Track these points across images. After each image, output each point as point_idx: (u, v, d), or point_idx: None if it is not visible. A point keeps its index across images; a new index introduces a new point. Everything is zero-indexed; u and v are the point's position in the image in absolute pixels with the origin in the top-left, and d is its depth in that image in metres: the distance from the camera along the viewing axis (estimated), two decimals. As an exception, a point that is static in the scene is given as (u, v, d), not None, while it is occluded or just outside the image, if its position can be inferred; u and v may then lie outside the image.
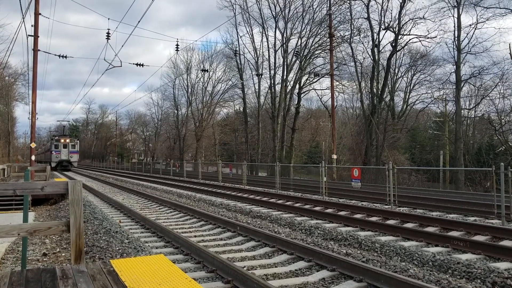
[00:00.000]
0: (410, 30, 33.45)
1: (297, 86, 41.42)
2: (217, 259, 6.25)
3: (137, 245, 7.66)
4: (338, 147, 36.06)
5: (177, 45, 26.03)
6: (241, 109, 52.19)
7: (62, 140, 51.96)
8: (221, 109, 61.15)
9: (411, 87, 38.22)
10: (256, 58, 43.80)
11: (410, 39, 33.41)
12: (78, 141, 55.37)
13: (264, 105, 45.73)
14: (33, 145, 21.43)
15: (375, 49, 34.03)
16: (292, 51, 39.69)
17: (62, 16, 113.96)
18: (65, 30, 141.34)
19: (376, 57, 34.17)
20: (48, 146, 58.09)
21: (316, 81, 41.33)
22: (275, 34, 41.82)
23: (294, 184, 22.81)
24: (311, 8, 38.18)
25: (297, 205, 13.72)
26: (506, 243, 7.72)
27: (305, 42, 38.99)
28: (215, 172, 39.07)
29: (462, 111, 31.18)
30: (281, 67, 41.25)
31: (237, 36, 46.91)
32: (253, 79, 46.57)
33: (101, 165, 74.25)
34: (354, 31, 35.08)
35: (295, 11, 39.79)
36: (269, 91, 43.19)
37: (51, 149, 52.12)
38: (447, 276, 5.88)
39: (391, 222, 10.25)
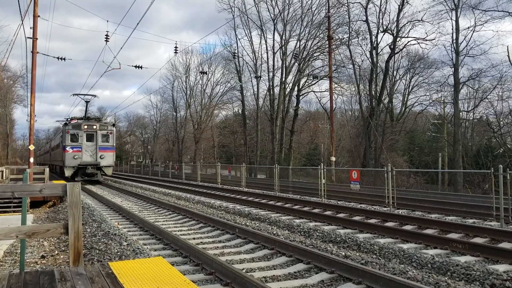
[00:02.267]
0: (408, 32, 33.58)
1: (296, 88, 41.49)
2: (215, 261, 6.24)
3: (135, 248, 7.64)
4: (337, 149, 36.09)
5: (176, 47, 26.08)
6: (240, 111, 52.20)
7: (86, 126, 28.37)
8: (219, 111, 61.18)
9: (410, 89, 38.32)
10: (254, 61, 43.89)
11: (408, 42, 33.56)
12: (114, 129, 30.54)
13: (263, 107, 45.74)
14: (31, 147, 21.39)
15: (374, 52, 34.12)
16: (291, 54, 39.78)
17: (65, 20, 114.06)
18: (68, 34, 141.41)
19: (375, 60, 34.25)
20: (59, 138, 33.31)
21: (315, 83, 41.43)
22: (273, 37, 41.96)
23: (293, 186, 22.80)
24: (310, 10, 38.30)
25: (296, 207, 13.71)
26: (504, 245, 7.73)
27: (303, 45, 39.11)
28: (214, 174, 39.03)
29: (460, 113, 31.26)
30: (280, 70, 41.35)
31: (236, 39, 46.88)
32: (251, 81, 46.63)
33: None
34: (353, 34, 35.23)
35: (293, 14, 39.91)
36: (267, 93, 43.25)
37: (64, 143, 28.18)
38: (446, 278, 5.88)
39: (389, 224, 10.25)
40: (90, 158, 28.21)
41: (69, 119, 30.56)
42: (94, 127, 28.65)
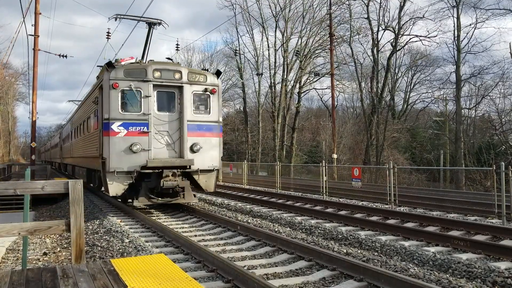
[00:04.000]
0: (410, 30, 33.55)
1: (297, 85, 41.42)
2: (217, 258, 6.25)
3: (137, 245, 7.66)
4: (339, 146, 36.04)
5: (178, 45, 25.99)
6: (242, 108, 52.15)
7: (157, 74, 11.15)
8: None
9: (411, 87, 38.31)
10: (256, 58, 43.78)
11: (410, 39, 33.50)
12: (220, 83, 12.53)
13: (265, 105, 45.71)
14: (33, 144, 21.45)
15: (375, 49, 34.05)
16: (292, 51, 39.66)
17: (67, 18, 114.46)
18: (70, 32, 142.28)
19: (376, 57, 34.19)
20: (88, 109, 14.40)
21: (316, 80, 41.36)
22: (275, 34, 41.78)
23: (295, 183, 22.78)
24: (311, 7, 38.18)
25: (297, 204, 13.71)
26: (506, 242, 7.71)
27: (305, 42, 39.00)
28: (215, 171, 39.00)
29: (462, 110, 31.19)
30: (281, 67, 41.27)
31: (237, 36, 46.79)
32: (253, 78, 46.57)
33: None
34: (354, 31, 35.15)
35: (295, 11, 39.79)
36: (269, 90, 43.22)
37: (107, 114, 10.57)
38: (447, 275, 5.88)
39: (391, 221, 10.24)
40: (167, 150, 11.74)
41: (112, 62, 11.72)
42: (177, 76, 11.77)
